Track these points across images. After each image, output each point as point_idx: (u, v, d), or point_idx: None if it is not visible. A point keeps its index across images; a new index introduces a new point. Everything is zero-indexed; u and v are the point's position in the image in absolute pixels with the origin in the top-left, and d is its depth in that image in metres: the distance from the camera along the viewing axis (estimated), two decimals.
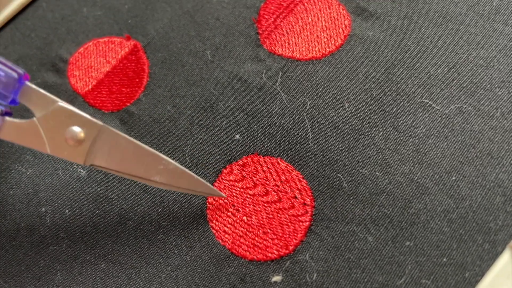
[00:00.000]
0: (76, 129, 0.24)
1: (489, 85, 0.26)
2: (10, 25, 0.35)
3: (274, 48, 0.30)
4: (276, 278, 0.24)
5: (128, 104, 0.31)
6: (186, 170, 0.25)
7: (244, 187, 0.27)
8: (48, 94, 0.24)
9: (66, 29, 0.34)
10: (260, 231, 0.25)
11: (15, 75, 0.24)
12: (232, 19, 0.32)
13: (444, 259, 0.23)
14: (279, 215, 0.26)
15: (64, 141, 0.24)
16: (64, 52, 0.33)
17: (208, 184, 0.25)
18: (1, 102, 0.24)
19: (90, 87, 0.32)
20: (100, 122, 0.24)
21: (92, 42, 0.33)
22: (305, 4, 0.31)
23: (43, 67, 0.33)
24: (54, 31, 0.34)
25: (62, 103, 0.24)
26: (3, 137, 0.24)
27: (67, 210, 0.28)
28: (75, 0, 0.35)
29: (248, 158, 0.27)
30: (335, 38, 0.30)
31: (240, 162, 0.27)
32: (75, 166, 0.29)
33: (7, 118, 0.24)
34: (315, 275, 0.24)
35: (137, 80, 0.31)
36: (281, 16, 0.31)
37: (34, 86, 0.24)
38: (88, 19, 0.34)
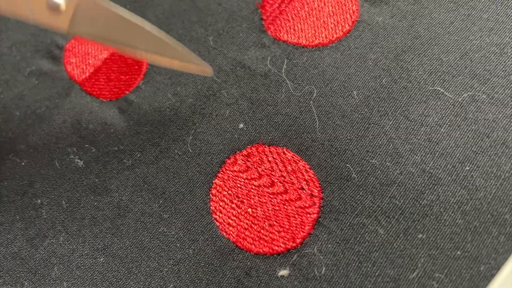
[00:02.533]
0: None
1: (503, 72, 0.26)
2: None
3: (279, 34, 0.30)
4: (283, 272, 0.24)
5: (127, 92, 0.30)
6: (170, 40, 0.25)
7: (249, 178, 0.26)
8: None
9: None
10: (266, 223, 0.25)
11: None
12: (235, 4, 0.31)
13: (458, 252, 0.22)
14: (285, 207, 0.25)
15: (45, 9, 0.24)
16: (60, 39, 0.32)
17: (194, 54, 0.25)
18: None
19: (87, 74, 0.31)
20: None
21: None
22: None
23: (38, 54, 0.32)
24: None
25: None
26: None
27: (64, 202, 0.27)
28: None
29: (252, 148, 0.27)
30: (343, 24, 0.29)
31: (244, 152, 0.27)
32: (72, 156, 0.28)
33: None
34: (323, 269, 0.23)
35: (136, 67, 0.30)
36: (286, 1, 0.30)
37: None
38: None
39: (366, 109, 0.26)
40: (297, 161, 0.26)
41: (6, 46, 0.33)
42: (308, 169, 0.26)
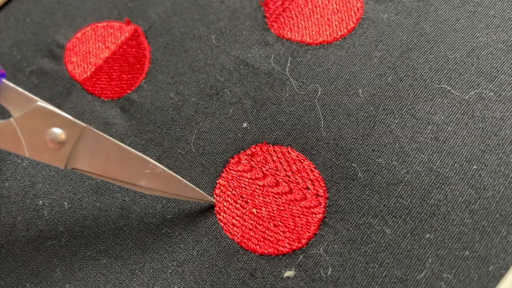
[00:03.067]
0: (57, 130, 0.23)
1: (510, 70, 0.26)
2: (4, 9, 0.35)
3: (283, 32, 0.30)
4: (289, 273, 0.24)
5: (129, 92, 0.30)
6: (174, 174, 0.24)
7: (253, 177, 0.26)
8: (26, 93, 0.23)
9: (62, 13, 0.34)
10: (271, 223, 0.25)
11: None
12: (238, 2, 0.31)
13: (466, 252, 0.23)
14: (290, 207, 0.25)
15: (44, 144, 0.23)
16: (61, 38, 0.33)
17: (198, 189, 0.25)
18: None
19: (88, 73, 0.31)
20: (82, 124, 0.23)
21: (90, 27, 0.33)
22: None
23: (38, 53, 0.32)
24: (50, 15, 0.34)
25: (41, 103, 0.23)
26: None
27: (66, 203, 0.27)
28: None
29: (256, 147, 0.27)
30: (347, 21, 0.29)
31: (248, 152, 0.27)
32: None
33: None
34: (330, 269, 0.23)
35: (138, 66, 0.31)
36: None
37: (11, 84, 0.23)
38: (86, 3, 0.34)
39: (371, 108, 0.26)
40: (302, 161, 0.26)
41: (6, 46, 0.33)
42: (313, 169, 0.26)
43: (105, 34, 0.32)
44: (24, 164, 0.29)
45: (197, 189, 0.25)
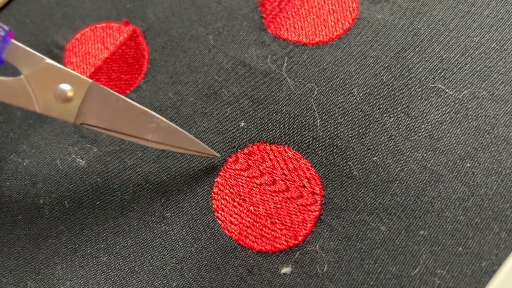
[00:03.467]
0: (65, 86, 0.24)
1: (503, 69, 0.26)
2: (4, 10, 0.35)
3: (279, 32, 0.30)
4: (286, 269, 0.24)
5: (128, 92, 0.30)
6: (179, 128, 0.25)
7: (251, 176, 0.26)
8: (34, 52, 0.24)
9: (62, 14, 0.34)
10: (268, 221, 0.25)
11: (1, 33, 0.24)
12: (235, 2, 0.32)
13: (460, 249, 0.23)
14: (287, 204, 0.25)
15: (53, 99, 0.24)
16: (60, 38, 0.33)
17: (202, 143, 0.25)
18: None
19: (88, 74, 0.31)
20: (89, 79, 0.24)
21: (89, 28, 0.33)
22: None
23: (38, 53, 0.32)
24: (50, 16, 0.34)
25: (49, 61, 0.24)
26: None
27: (66, 202, 0.28)
28: None
29: (254, 146, 0.27)
30: (343, 22, 0.29)
31: (245, 151, 0.27)
32: (73, 156, 0.29)
33: None
34: (326, 266, 0.24)
35: (136, 66, 0.31)
36: None
37: (20, 44, 0.24)
38: (85, 4, 0.34)
39: (367, 107, 0.27)
40: (299, 159, 0.26)
41: None
42: (309, 167, 0.26)
43: (104, 35, 0.32)
44: (25, 164, 0.29)
45: (201, 143, 0.25)
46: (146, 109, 0.25)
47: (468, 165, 0.24)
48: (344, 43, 0.29)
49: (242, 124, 0.28)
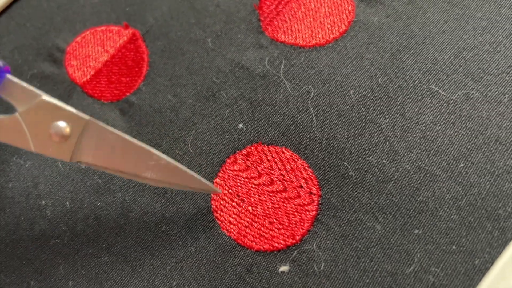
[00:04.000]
0: (61, 124, 0.23)
1: (496, 71, 0.27)
2: (5, 14, 0.35)
3: (277, 35, 0.30)
4: (283, 268, 0.24)
5: (128, 94, 0.31)
6: (179, 165, 0.24)
7: (249, 177, 0.27)
8: (30, 87, 0.24)
9: (62, 18, 0.34)
10: (266, 221, 0.26)
11: None
12: (233, 6, 0.32)
13: (454, 247, 0.23)
14: (285, 204, 0.26)
15: (48, 137, 0.23)
16: (61, 42, 0.33)
17: (203, 179, 0.25)
18: None
19: (88, 77, 0.32)
20: (86, 116, 0.24)
21: (89, 31, 0.33)
22: None
23: (39, 57, 0.33)
24: (50, 20, 0.34)
25: (45, 97, 0.23)
26: None
27: (67, 203, 0.28)
28: None
29: (252, 148, 0.28)
30: (339, 24, 0.30)
31: (244, 152, 0.28)
32: None
33: None
34: (323, 264, 0.24)
35: (136, 69, 0.31)
36: (283, 2, 0.31)
37: (15, 79, 0.24)
38: (85, 8, 0.34)
39: (362, 108, 0.27)
40: (296, 160, 0.27)
41: (8, 50, 0.33)
42: (306, 168, 0.26)
43: (104, 38, 0.33)
44: (27, 166, 0.29)
45: (202, 179, 0.25)
46: (145, 145, 0.24)
47: (462, 165, 0.25)
48: (340, 46, 0.29)
49: (240, 125, 0.28)
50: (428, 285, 0.23)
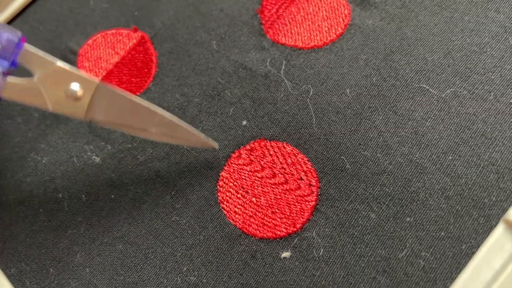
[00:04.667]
0: (75, 86, 0.25)
1: (482, 70, 0.28)
2: (19, 18, 0.36)
3: (277, 38, 0.31)
4: (285, 254, 0.26)
5: (138, 94, 0.32)
6: (181, 122, 0.26)
7: (253, 170, 0.28)
8: (46, 55, 0.25)
9: (74, 21, 0.35)
10: (269, 211, 0.27)
11: (14, 38, 0.25)
12: (236, 10, 0.33)
13: (442, 233, 0.24)
14: (286, 196, 0.27)
15: (64, 98, 0.25)
16: (74, 44, 0.34)
17: (202, 135, 0.26)
18: (2, 64, 0.25)
19: (100, 77, 0.33)
20: (97, 80, 0.25)
21: (100, 34, 0.34)
22: None
23: None
24: (63, 23, 0.35)
25: (60, 63, 0.25)
26: (5, 96, 0.25)
27: (83, 196, 0.29)
28: None
29: (255, 143, 0.29)
30: (336, 27, 0.31)
31: (248, 147, 0.29)
32: (89, 154, 0.30)
33: (8, 77, 0.25)
34: (321, 250, 0.25)
35: (145, 70, 0.32)
36: (283, 6, 0.32)
37: (32, 48, 0.25)
38: (95, 12, 0.35)
39: (358, 106, 0.28)
40: (296, 154, 0.28)
41: None
42: (306, 161, 0.28)
43: (114, 40, 0.34)
44: (44, 162, 0.31)
45: (201, 135, 0.26)
46: (150, 104, 0.26)
47: (450, 158, 0.26)
48: (337, 47, 0.30)
49: (244, 122, 0.29)
50: (419, 268, 0.24)
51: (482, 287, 0.23)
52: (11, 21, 0.36)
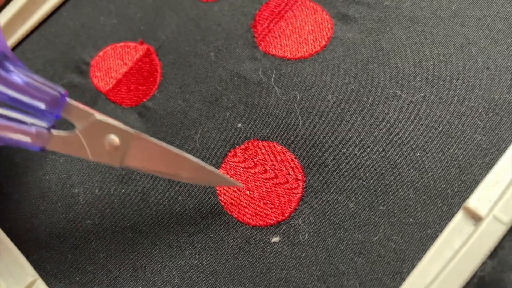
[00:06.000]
0: (113, 137, 0.26)
1: (448, 77, 0.29)
2: (36, 32, 0.38)
3: (269, 49, 0.33)
4: (275, 239, 0.27)
5: (144, 100, 0.33)
6: (208, 166, 0.27)
7: (247, 167, 0.30)
8: (86, 108, 0.26)
9: (86, 35, 0.37)
10: (261, 202, 0.28)
11: (58, 95, 0.26)
12: (232, 25, 0.34)
13: (411, 220, 0.26)
14: (276, 189, 0.29)
15: (103, 148, 0.26)
16: (86, 56, 0.36)
17: (226, 176, 0.27)
18: (48, 118, 0.26)
19: (110, 86, 0.34)
20: (132, 130, 0.26)
21: (110, 47, 0.36)
22: (294, 10, 0.34)
23: (68, 69, 0.36)
24: (76, 37, 0.37)
25: (98, 116, 0.26)
26: (51, 148, 0.26)
27: (97, 190, 0.31)
28: (92, 10, 0.38)
29: (249, 143, 0.30)
30: (320, 40, 0.32)
31: (242, 146, 0.30)
32: None
33: (53, 131, 0.26)
34: (306, 235, 0.27)
35: (151, 79, 0.34)
36: (273, 21, 0.34)
37: (73, 102, 0.26)
38: (106, 27, 0.37)
39: (339, 109, 0.30)
40: (285, 153, 0.29)
41: (40, 63, 0.36)
42: (293, 159, 0.29)
43: (123, 52, 0.35)
44: (61, 161, 0.33)
45: (226, 176, 0.27)
46: (179, 151, 0.26)
47: (419, 154, 0.27)
48: (321, 58, 0.31)
49: (239, 125, 0.31)
50: (390, 250, 0.25)
51: (444, 264, 0.24)
52: (29, 35, 0.38)
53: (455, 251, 0.25)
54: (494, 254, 0.24)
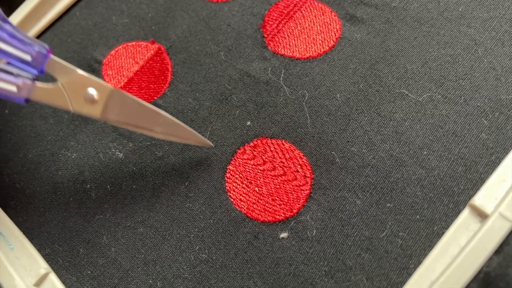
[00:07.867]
0: (92, 91, 0.28)
1: (454, 77, 0.29)
2: (49, 31, 0.39)
3: (278, 49, 0.33)
4: (283, 234, 0.28)
5: (156, 98, 0.34)
6: (181, 123, 0.28)
7: (256, 164, 0.30)
8: (68, 64, 0.28)
9: (98, 34, 0.38)
10: (270, 198, 0.29)
11: (43, 50, 0.27)
12: (241, 25, 0.35)
13: (417, 216, 0.26)
14: (284, 185, 0.29)
15: (83, 101, 0.28)
16: (98, 55, 0.37)
17: (199, 135, 0.29)
18: (32, 72, 0.28)
19: (122, 84, 0.35)
20: (110, 86, 0.28)
21: (121, 46, 0.36)
22: (303, 11, 0.35)
23: (80, 67, 0.36)
24: (88, 36, 0.38)
25: (80, 71, 0.28)
26: (35, 99, 0.28)
27: (108, 186, 0.31)
28: (105, 10, 0.39)
29: (258, 141, 0.31)
30: (328, 40, 0.33)
31: (251, 144, 0.31)
32: (113, 150, 0.33)
33: (37, 82, 0.28)
34: (314, 231, 0.27)
35: (162, 77, 0.34)
36: (282, 22, 0.34)
37: (57, 58, 0.28)
38: (117, 26, 0.38)
39: (347, 108, 0.30)
40: (293, 150, 0.30)
41: None
42: (302, 156, 0.29)
43: (134, 51, 0.36)
44: (73, 157, 0.33)
45: (199, 135, 0.29)
46: (156, 108, 0.28)
47: (425, 153, 0.28)
48: (330, 58, 0.32)
49: (248, 123, 0.31)
50: (397, 246, 0.26)
51: (450, 260, 0.25)
52: (42, 34, 0.39)
53: (461, 248, 0.25)
54: (499, 250, 0.24)
